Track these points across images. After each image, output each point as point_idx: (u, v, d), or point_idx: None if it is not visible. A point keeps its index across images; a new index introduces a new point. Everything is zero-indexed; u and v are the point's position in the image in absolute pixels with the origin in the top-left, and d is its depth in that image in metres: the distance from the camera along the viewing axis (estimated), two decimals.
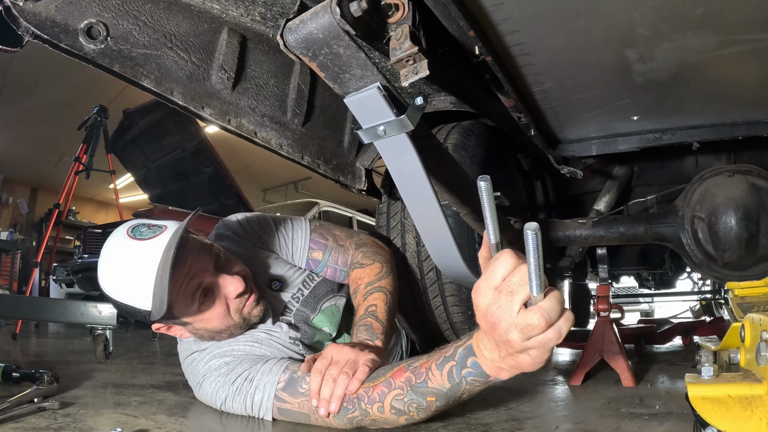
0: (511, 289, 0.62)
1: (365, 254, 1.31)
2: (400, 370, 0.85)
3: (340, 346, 0.97)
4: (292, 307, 1.25)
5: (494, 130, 1.73)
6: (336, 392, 0.90)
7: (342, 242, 1.37)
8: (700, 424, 0.70)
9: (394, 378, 0.85)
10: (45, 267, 5.00)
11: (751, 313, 0.80)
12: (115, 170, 4.53)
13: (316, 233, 1.36)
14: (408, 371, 0.84)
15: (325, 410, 0.91)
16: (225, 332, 1.12)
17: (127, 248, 1.00)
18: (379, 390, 0.86)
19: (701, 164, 1.75)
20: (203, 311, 1.06)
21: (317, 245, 1.35)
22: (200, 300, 1.05)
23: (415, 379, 0.82)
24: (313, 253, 1.34)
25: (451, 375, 0.77)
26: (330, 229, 1.40)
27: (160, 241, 0.99)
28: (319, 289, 1.30)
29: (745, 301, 1.72)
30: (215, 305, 1.07)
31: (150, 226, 1.04)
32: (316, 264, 1.35)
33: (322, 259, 1.34)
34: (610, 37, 0.89)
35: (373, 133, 0.69)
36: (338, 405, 0.90)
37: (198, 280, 1.04)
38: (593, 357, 1.46)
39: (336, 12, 0.57)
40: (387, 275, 1.25)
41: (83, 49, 0.85)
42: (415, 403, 0.83)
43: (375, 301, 1.17)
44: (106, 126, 4.28)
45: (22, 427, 0.97)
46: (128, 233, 1.02)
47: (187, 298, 1.03)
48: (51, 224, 4.05)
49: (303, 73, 1.27)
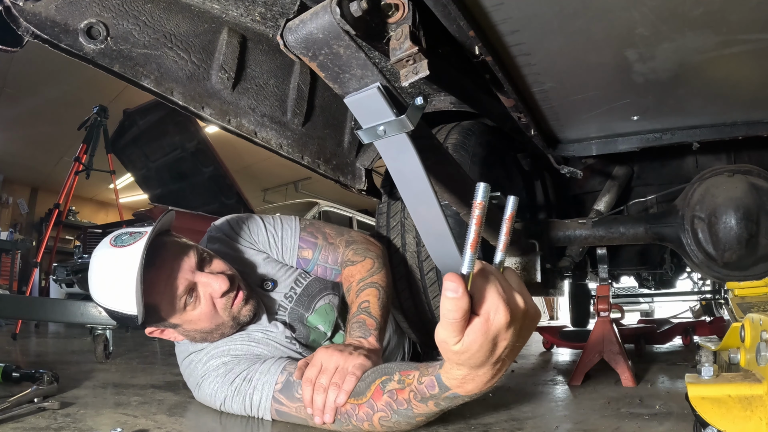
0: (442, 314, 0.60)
1: (356, 251, 1.31)
2: (378, 391, 0.85)
3: (330, 350, 0.97)
4: (286, 306, 1.25)
5: (494, 130, 1.73)
6: (327, 403, 0.90)
7: (332, 240, 1.37)
8: (700, 424, 0.70)
9: (374, 400, 0.85)
10: (45, 267, 4.99)
11: (751, 313, 0.80)
12: (115, 170, 4.51)
13: (306, 232, 1.36)
14: (385, 395, 0.83)
15: (320, 420, 0.92)
16: (216, 332, 1.12)
17: (109, 256, 1.03)
18: (364, 410, 0.86)
19: (701, 164, 1.75)
20: (190, 311, 1.07)
21: (307, 244, 1.34)
22: (185, 300, 1.06)
23: (397, 406, 0.82)
24: (303, 252, 1.34)
25: (438, 404, 0.77)
26: (320, 228, 1.40)
27: (138, 246, 1.00)
28: (311, 287, 1.29)
29: (745, 301, 1.72)
30: (202, 305, 1.07)
31: (132, 233, 1.05)
32: (306, 263, 1.35)
33: (312, 258, 1.34)
34: (610, 37, 0.89)
35: (373, 133, 0.69)
36: (332, 415, 0.90)
37: (180, 280, 1.05)
38: (593, 357, 1.46)
39: (336, 12, 0.57)
40: (379, 270, 1.25)
41: (83, 49, 0.85)
42: (404, 422, 0.84)
43: (367, 297, 1.16)
44: (106, 126, 4.27)
45: (22, 427, 0.97)
46: (111, 242, 1.04)
47: (172, 300, 1.04)
48: (51, 224, 4.04)
49: (303, 73, 1.27)
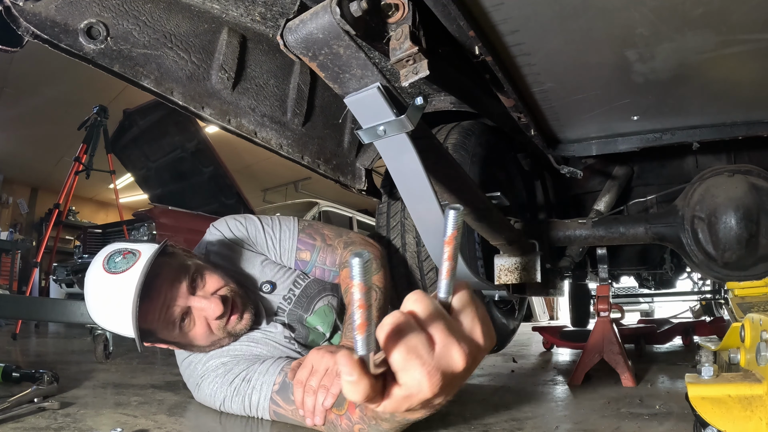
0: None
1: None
2: (351, 405, 0.84)
3: (322, 352, 0.97)
4: (285, 308, 1.25)
5: (494, 130, 1.72)
6: (316, 406, 0.90)
7: (330, 242, 1.36)
8: (700, 424, 0.70)
9: (350, 413, 0.84)
10: (45, 267, 4.99)
11: (751, 313, 0.80)
12: (115, 170, 4.51)
13: (304, 233, 1.35)
14: (357, 408, 0.82)
15: (311, 422, 0.92)
16: (213, 346, 1.15)
17: (103, 283, 1.05)
18: (345, 422, 0.86)
19: (701, 164, 1.75)
20: (186, 332, 1.09)
21: (305, 245, 1.34)
22: (179, 325, 1.08)
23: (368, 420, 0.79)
24: (301, 254, 1.34)
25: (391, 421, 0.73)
26: (319, 229, 1.39)
27: (132, 273, 1.02)
28: (310, 288, 1.29)
29: (745, 301, 1.72)
30: (197, 326, 1.09)
31: (125, 254, 1.06)
32: (305, 265, 1.34)
33: (310, 260, 1.34)
34: (610, 37, 0.89)
35: (373, 133, 0.69)
36: (322, 418, 0.90)
37: (175, 307, 1.07)
38: (593, 357, 1.46)
39: (336, 12, 0.57)
40: (376, 272, 1.24)
41: (83, 49, 0.85)
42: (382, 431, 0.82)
43: None
44: (106, 126, 4.26)
45: (22, 427, 0.97)
46: (104, 266, 1.05)
47: (168, 325, 1.07)
48: (51, 224, 4.04)
49: (303, 73, 1.27)
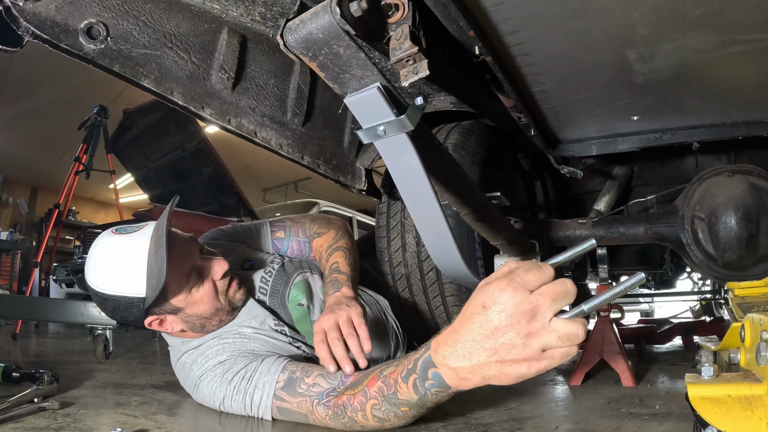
0: (553, 297, 0.64)
1: (320, 225, 1.49)
2: (374, 378, 0.86)
3: (322, 318, 1.07)
4: (266, 285, 1.31)
5: (494, 130, 1.73)
6: (353, 349, 1.00)
7: (297, 220, 1.55)
8: (700, 424, 0.70)
9: (369, 387, 0.86)
10: (45, 267, 4.99)
11: (751, 313, 0.80)
12: (115, 170, 4.52)
13: (274, 222, 1.54)
14: (380, 380, 0.85)
15: (350, 368, 0.96)
16: (214, 318, 1.17)
17: (114, 242, 1.08)
18: (359, 399, 0.87)
19: (701, 164, 1.75)
20: (194, 293, 1.12)
21: (277, 227, 1.51)
22: (191, 281, 1.11)
23: (387, 390, 0.83)
24: (276, 233, 1.50)
25: (416, 387, 0.78)
26: (284, 217, 1.57)
27: (145, 232, 1.08)
28: (288, 266, 1.39)
29: (745, 301, 1.72)
30: (204, 285, 1.13)
31: (131, 225, 1.13)
32: (281, 242, 1.49)
33: (284, 237, 1.49)
34: (610, 37, 0.89)
35: (373, 133, 0.69)
36: (364, 361, 0.98)
37: (190, 261, 1.12)
38: (593, 357, 1.46)
39: (336, 12, 0.57)
40: (342, 237, 1.42)
41: (83, 49, 0.85)
42: (392, 413, 0.84)
43: (336, 258, 1.32)
44: (106, 126, 4.27)
45: (22, 427, 0.97)
46: (113, 231, 1.11)
47: (181, 278, 1.10)
48: (51, 224, 4.04)
49: (303, 73, 1.27)
